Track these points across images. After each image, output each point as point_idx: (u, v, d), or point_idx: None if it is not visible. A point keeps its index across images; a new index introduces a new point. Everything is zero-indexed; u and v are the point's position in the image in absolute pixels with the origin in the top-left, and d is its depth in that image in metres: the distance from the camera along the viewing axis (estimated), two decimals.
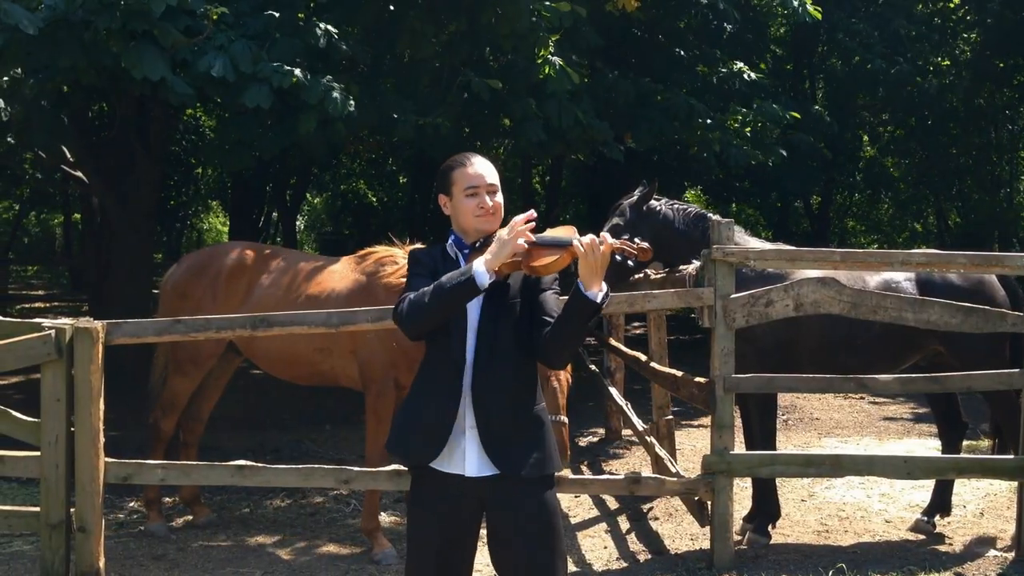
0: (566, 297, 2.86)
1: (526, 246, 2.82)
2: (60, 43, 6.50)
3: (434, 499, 2.95)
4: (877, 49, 14.31)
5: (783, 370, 5.47)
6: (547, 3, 7.68)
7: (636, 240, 2.91)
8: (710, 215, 5.84)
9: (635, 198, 5.99)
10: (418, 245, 5.65)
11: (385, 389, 5.48)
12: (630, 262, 2.87)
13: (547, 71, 7.97)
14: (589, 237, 2.80)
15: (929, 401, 6.32)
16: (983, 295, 5.64)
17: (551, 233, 2.95)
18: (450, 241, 3.05)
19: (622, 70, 11.12)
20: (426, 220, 20.14)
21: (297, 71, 6.82)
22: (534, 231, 2.90)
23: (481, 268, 2.79)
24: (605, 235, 2.83)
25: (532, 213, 2.88)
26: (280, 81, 6.72)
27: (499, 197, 3.02)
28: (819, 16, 10.57)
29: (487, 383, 2.90)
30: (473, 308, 2.93)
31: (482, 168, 3.00)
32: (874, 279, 5.75)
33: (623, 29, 11.94)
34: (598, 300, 2.79)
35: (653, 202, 5.98)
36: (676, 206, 6.00)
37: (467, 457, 2.91)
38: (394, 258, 5.64)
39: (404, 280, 5.44)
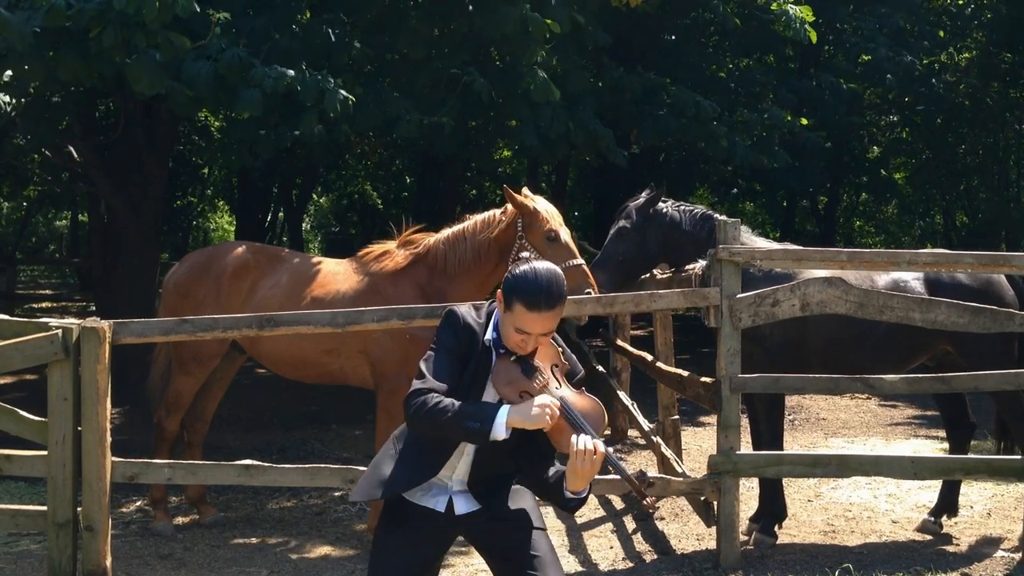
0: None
1: (549, 423, 2.77)
2: (61, 52, 6.51)
3: (409, 530, 2.96)
4: (882, 40, 14.25)
5: (791, 370, 5.45)
6: (536, 15, 7.68)
7: (646, 476, 2.86)
8: (716, 215, 5.82)
9: (642, 201, 5.97)
10: (414, 236, 5.67)
11: (398, 386, 5.47)
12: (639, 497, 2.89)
13: (530, 83, 7.98)
14: (583, 443, 2.73)
15: (937, 401, 6.29)
16: (992, 295, 5.61)
17: (583, 403, 2.90)
18: (492, 335, 2.93)
19: (628, 67, 11.12)
20: (431, 220, 20.13)
21: (291, 72, 6.78)
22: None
23: (502, 425, 2.72)
24: (598, 444, 2.75)
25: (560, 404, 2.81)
26: (273, 85, 6.68)
27: (545, 338, 2.90)
28: (814, 39, 10.61)
29: (491, 457, 2.93)
30: (488, 395, 2.92)
31: (544, 317, 2.81)
32: (882, 279, 5.73)
33: (630, 26, 11.95)
34: (581, 498, 2.84)
35: (660, 204, 5.97)
36: (682, 207, 5.99)
37: (451, 498, 2.97)
38: (390, 252, 5.68)
39: (397, 266, 5.54)
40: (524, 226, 5.30)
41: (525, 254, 5.15)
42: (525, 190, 5.48)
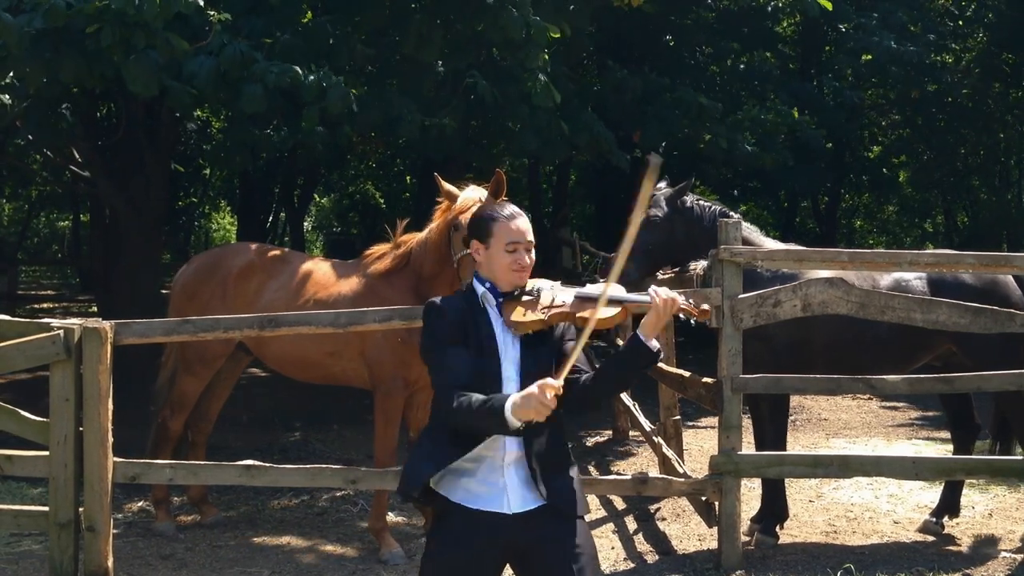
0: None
1: (551, 407, 2.73)
2: (61, 53, 6.51)
3: (466, 538, 2.85)
4: (885, 34, 14.20)
5: (797, 370, 5.43)
6: (537, 18, 7.68)
7: (692, 302, 2.94)
8: (732, 214, 5.81)
9: (671, 191, 5.85)
10: (412, 236, 5.66)
11: (394, 389, 5.49)
12: (692, 322, 2.91)
13: (532, 86, 7.98)
14: (665, 292, 2.83)
15: (943, 401, 6.23)
16: (997, 295, 5.57)
17: (597, 289, 2.95)
18: (483, 289, 2.97)
19: (631, 67, 11.13)
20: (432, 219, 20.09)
21: (296, 68, 6.77)
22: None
23: (512, 418, 2.71)
24: (674, 295, 2.84)
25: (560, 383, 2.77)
26: (276, 80, 6.68)
27: (533, 253, 3.01)
28: (829, 6, 10.42)
29: (534, 422, 2.83)
30: (512, 351, 2.91)
31: (523, 224, 2.99)
32: (885, 279, 5.72)
33: (630, 26, 11.95)
34: (655, 350, 2.83)
35: (686, 197, 5.90)
36: (701, 203, 5.92)
37: (509, 492, 2.86)
38: (386, 254, 5.68)
39: (389, 268, 5.54)
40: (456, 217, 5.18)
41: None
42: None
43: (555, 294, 2.92)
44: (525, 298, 2.94)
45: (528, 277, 2.99)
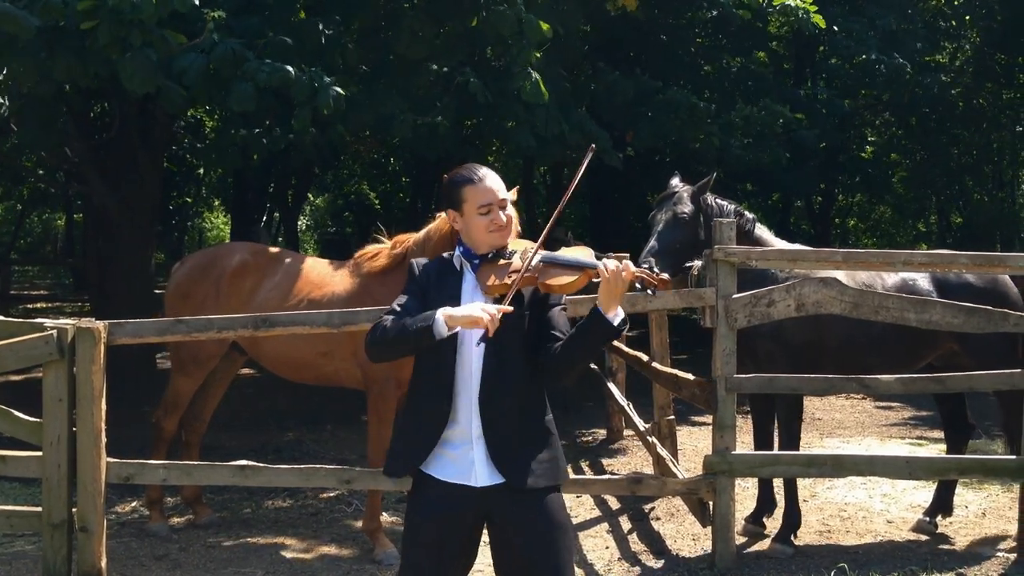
0: (576, 315, 2.84)
1: (496, 321, 2.75)
2: (56, 51, 6.48)
3: (437, 508, 2.89)
4: (873, 42, 14.24)
5: (813, 371, 5.43)
6: (530, 15, 7.68)
7: (655, 270, 2.89)
8: (747, 213, 5.81)
9: (693, 188, 5.78)
10: (401, 236, 5.65)
11: (386, 389, 5.49)
12: (649, 291, 2.86)
13: (525, 84, 7.97)
14: (613, 263, 2.78)
15: (937, 401, 6.25)
16: (996, 294, 5.62)
17: (568, 253, 2.94)
18: (458, 252, 3.00)
19: (623, 69, 11.14)
20: (428, 219, 20.09)
21: (288, 67, 6.77)
22: (548, 248, 2.92)
23: (441, 320, 2.77)
24: (628, 263, 2.80)
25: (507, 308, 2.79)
26: (266, 79, 6.67)
27: (511, 209, 2.99)
28: (823, 24, 10.47)
29: (495, 391, 2.87)
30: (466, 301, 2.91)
31: (493, 183, 2.96)
32: (891, 279, 5.75)
33: (625, 27, 11.96)
34: (616, 323, 2.79)
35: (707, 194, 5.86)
36: (719, 201, 5.84)
37: (476, 467, 2.88)
38: (381, 254, 5.66)
39: (384, 268, 5.53)
40: None
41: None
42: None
43: (527, 258, 2.87)
44: (501, 262, 2.92)
45: (508, 235, 2.97)
